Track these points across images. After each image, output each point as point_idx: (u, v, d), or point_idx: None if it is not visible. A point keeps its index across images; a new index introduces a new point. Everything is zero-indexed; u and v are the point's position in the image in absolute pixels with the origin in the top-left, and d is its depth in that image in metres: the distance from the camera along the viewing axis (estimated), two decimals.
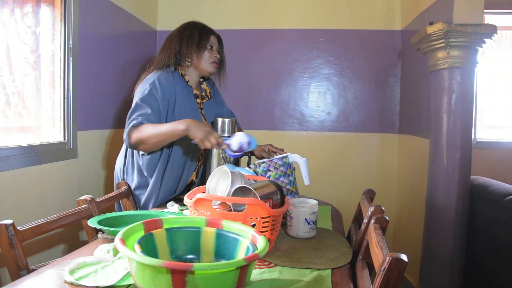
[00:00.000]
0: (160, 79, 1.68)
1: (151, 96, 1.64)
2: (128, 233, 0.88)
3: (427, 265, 2.19)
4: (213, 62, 1.80)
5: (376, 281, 0.82)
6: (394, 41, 2.93)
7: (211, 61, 1.79)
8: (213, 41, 1.81)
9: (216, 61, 1.81)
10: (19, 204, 1.67)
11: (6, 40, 1.65)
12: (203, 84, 1.92)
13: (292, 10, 3.01)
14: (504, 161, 3.13)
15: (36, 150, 1.77)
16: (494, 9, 3.17)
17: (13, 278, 1.06)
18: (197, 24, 1.82)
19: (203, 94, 1.88)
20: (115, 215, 1.39)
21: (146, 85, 1.67)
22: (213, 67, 1.81)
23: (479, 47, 2.04)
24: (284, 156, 1.53)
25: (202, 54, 1.77)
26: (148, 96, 1.63)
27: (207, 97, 1.90)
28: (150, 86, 1.65)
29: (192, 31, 1.77)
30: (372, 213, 1.25)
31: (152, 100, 1.63)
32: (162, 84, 1.67)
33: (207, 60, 1.79)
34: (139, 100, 1.63)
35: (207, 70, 1.81)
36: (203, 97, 1.88)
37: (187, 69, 1.80)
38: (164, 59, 1.75)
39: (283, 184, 1.52)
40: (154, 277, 0.75)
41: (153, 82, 1.66)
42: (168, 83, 1.69)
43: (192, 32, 1.77)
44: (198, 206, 1.13)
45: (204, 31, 1.79)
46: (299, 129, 3.03)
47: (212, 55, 1.80)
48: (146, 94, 1.63)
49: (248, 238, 0.93)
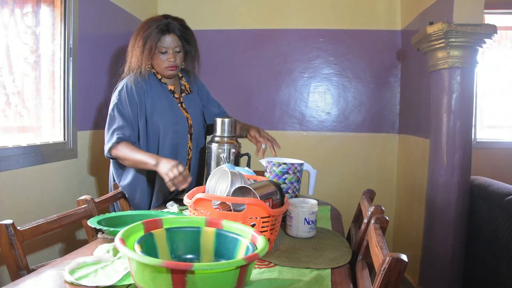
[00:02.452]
0: (128, 84, 1.71)
1: (121, 104, 1.69)
2: (128, 233, 0.88)
3: (427, 265, 2.19)
4: (167, 67, 1.73)
5: (376, 281, 0.82)
6: (394, 41, 2.93)
7: (165, 66, 1.73)
8: (167, 44, 1.70)
9: (170, 66, 1.73)
10: (19, 204, 1.67)
11: (6, 40, 1.65)
12: (182, 80, 1.90)
13: (292, 10, 3.01)
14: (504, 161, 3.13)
15: (36, 150, 1.77)
16: (494, 9, 3.17)
17: (13, 278, 1.06)
18: (149, 26, 1.70)
19: (182, 88, 1.87)
20: (115, 215, 1.39)
21: (116, 92, 1.73)
22: (167, 71, 1.74)
23: (479, 47, 2.04)
24: (302, 163, 1.54)
25: (154, 61, 1.74)
26: (118, 104, 1.69)
27: (186, 91, 1.88)
28: (118, 94, 1.71)
29: (140, 39, 1.69)
30: (372, 213, 1.25)
31: (123, 108, 1.69)
32: (129, 89, 1.70)
33: (160, 66, 1.74)
34: (111, 111, 1.70)
35: (164, 74, 1.78)
36: (182, 91, 1.87)
37: None
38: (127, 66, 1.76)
39: (294, 189, 1.52)
40: (154, 277, 0.75)
41: (121, 89, 1.71)
42: (136, 86, 1.71)
43: (139, 41, 1.69)
44: (198, 206, 1.13)
45: (152, 36, 1.68)
46: (299, 129, 3.03)
47: (166, 60, 1.72)
48: (116, 103, 1.69)
49: (248, 238, 0.93)
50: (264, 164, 1.55)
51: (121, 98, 1.70)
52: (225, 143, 1.75)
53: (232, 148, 1.76)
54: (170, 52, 1.72)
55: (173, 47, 1.72)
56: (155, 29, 1.69)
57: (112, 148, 1.66)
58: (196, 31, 1.84)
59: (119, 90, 1.72)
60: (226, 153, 1.74)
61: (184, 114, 1.82)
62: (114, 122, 1.68)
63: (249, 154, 1.83)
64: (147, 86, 1.74)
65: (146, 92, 1.73)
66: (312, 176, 1.62)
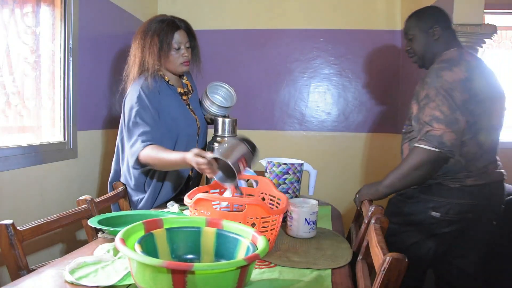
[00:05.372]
0: (143, 88, 1.64)
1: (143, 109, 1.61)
2: (128, 233, 0.88)
3: None
4: (183, 63, 1.73)
5: (376, 281, 0.82)
6: (394, 41, 2.93)
7: (180, 62, 1.72)
8: (179, 40, 1.70)
9: (185, 61, 1.73)
10: (19, 204, 1.67)
11: (6, 40, 1.65)
12: (184, 79, 1.89)
13: (292, 10, 3.01)
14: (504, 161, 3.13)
15: (36, 150, 1.77)
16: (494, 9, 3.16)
17: (13, 278, 1.06)
18: (158, 25, 1.68)
19: (185, 90, 1.85)
20: (115, 215, 1.39)
21: (134, 98, 1.63)
22: (183, 67, 1.74)
23: (479, 47, 2.04)
24: (302, 163, 1.54)
25: (168, 58, 1.71)
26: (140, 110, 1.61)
27: (190, 92, 1.88)
28: (137, 100, 1.62)
29: (153, 38, 1.66)
30: (372, 213, 1.25)
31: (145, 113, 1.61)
32: (146, 93, 1.63)
33: (175, 63, 1.72)
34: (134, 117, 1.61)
35: (178, 71, 1.76)
36: (187, 93, 1.86)
37: (163, 70, 1.75)
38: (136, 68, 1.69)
39: (294, 190, 1.52)
40: (155, 277, 0.75)
41: (139, 95, 1.62)
42: (150, 91, 1.65)
43: (152, 40, 1.66)
44: (198, 206, 1.13)
45: (166, 32, 1.67)
46: (299, 129, 3.03)
47: (180, 55, 1.71)
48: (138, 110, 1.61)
49: (248, 238, 0.93)
50: (264, 164, 1.55)
51: (142, 104, 1.62)
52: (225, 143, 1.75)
53: None
54: (183, 48, 1.72)
55: (184, 42, 1.72)
56: (165, 26, 1.67)
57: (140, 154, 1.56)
58: (196, 31, 1.84)
59: (137, 96, 1.63)
60: None
61: (193, 116, 1.82)
62: (138, 127, 1.60)
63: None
64: (160, 89, 1.70)
65: (161, 96, 1.69)
66: (312, 176, 1.63)
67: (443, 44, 1.58)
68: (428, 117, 1.43)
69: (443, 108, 1.41)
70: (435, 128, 1.41)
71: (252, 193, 1.39)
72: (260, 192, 1.38)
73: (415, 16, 1.64)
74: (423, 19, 1.60)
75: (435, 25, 1.58)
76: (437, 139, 1.40)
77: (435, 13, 1.62)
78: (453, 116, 1.41)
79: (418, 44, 1.62)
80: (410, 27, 1.64)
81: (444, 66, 1.48)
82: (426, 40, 1.60)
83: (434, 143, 1.41)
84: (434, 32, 1.58)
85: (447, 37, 1.59)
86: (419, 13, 1.64)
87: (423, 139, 1.44)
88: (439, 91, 1.43)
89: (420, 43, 1.61)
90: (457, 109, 1.42)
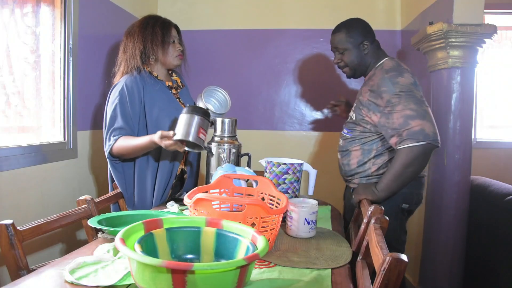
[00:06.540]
0: (127, 84, 1.73)
1: (122, 104, 1.70)
2: (128, 233, 0.88)
3: (427, 265, 2.19)
4: (178, 55, 1.85)
5: (376, 281, 0.82)
6: (394, 41, 2.93)
7: (176, 54, 1.84)
8: (174, 34, 1.85)
9: (180, 54, 1.86)
10: (19, 204, 1.67)
11: (6, 40, 1.65)
12: (173, 76, 1.96)
13: (292, 10, 3.01)
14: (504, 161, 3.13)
15: (36, 150, 1.77)
16: (494, 9, 3.17)
17: (13, 278, 1.06)
18: (156, 19, 1.83)
19: (174, 85, 1.92)
20: (115, 215, 1.39)
21: (116, 93, 1.73)
22: (178, 60, 1.86)
23: (479, 47, 2.04)
24: (302, 163, 1.54)
25: (167, 50, 1.82)
26: (119, 105, 1.70)
27: (179, 87, 1.94)
28: (119, 94, 1.72)
29: (154, 28, 1.79)
30: (372, 213, 1.25)
31: (124, 107, 1.70)
32: (129, 88, 1.72)
33: (172, 54, 1.83)
34: (113, 111, 1.71)
35: (173, 63, 1.86)
36: (176, 88, 1.92)
37: (154, 65, 1.84)
38: (130, 62, 1.77)
39: (294, 189, 1.52)
40: (154, 277, 0.75)
41: (122, 89, 1.72)
42: (135, 86, 1.73)
43: (154, 29, 1.78)
44: (198, 206, 1.13)
45: (165, 26, 1.82)
46: (299, 129, 3.03)
47: (176, 48, 1.84)
48: (117, 104, 1.70)
49: (248, 238, 0.93)
50: (264, 164, 1.55)
51: (122, 98, 1.71)
52: (225, 143, 1.75)
53: (232, 148, 1.76)
54: (176, 42, 1.85)
55: (177, 37, 1.87)
56: (162, 23, 1.82)
57: (112, 147, 1.67)
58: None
59: (119, 90, 1.72)
60: (226, 152, 1.75)
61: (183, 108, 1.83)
62: (115, 122, 1.69)
63: (249, 154, 1.83)
64: (146, 85, 1.76)
65: (145, 91, 1.75)
66: (312, 176, 1.62)
67: (373, 56, 1.73)
68: (400, 119, 1.50)
69: (411, 105, 1.50)
70: (412, 125, 1.48)
71: (252, 193, 1.39)
72: (260, 192, 1.38)
73: (345, 31, 1.73)
74: (353, 35, 1.72)
75: (364, 41, 1.72)
76: (420, 133, 1.46)
77: (363, 29, 1.74)
78: (422, 109, 1.50)
79: (350, 57, 1.74)
80: (340, 41, 1.74)
81: (394, 74, 1.59)
82: (357, 54, 1.73)
83: (419, 137, 1.46)
84: (364, 47, 1.72)
85: (375, 49, 1.74)
86: (348, 28, 1.73)
87: (405, 139, 1.49)
88: (400, 95, 1.53)
89: (352, 57, 1.73)
90: (422, 103, 1.52)
